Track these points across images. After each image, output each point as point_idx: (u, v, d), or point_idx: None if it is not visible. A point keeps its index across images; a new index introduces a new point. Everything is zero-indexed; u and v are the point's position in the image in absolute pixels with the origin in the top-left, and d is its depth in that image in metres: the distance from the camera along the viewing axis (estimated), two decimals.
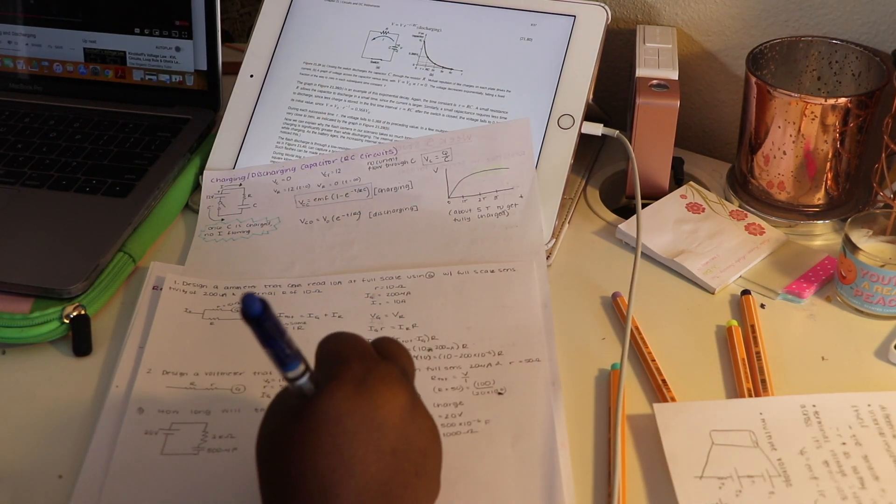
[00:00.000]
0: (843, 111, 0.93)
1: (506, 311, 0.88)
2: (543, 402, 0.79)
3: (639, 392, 0.82)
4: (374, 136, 1.02)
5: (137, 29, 1.11)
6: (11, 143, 1.07)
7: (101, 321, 0.89)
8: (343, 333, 0.67)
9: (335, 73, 1.05)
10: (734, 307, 0.90)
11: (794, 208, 0.99)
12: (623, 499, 0.72)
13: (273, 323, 0.58)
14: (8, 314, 0.86)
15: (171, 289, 0.90)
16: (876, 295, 0.87)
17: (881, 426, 0.76)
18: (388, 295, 0.90)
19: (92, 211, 0.97)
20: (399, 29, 1.06)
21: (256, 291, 0.90)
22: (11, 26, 1.14)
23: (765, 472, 0.73)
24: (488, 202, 0.97)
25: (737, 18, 1.07)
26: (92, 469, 0.75)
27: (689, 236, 0.96)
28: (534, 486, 0.73)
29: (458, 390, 0.81)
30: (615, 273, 0.93)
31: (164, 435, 0.77)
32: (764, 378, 0.81)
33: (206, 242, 0.97)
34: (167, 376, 0.82)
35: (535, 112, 1.00)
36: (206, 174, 1.02)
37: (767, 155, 0.98)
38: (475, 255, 0.94)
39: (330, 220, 0.98)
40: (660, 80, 0.99)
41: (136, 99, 1.12)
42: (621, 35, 1.13)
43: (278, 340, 0.59)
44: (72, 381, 0.84)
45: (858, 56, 1.00)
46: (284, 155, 1.03)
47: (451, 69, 1.03)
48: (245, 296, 0.56)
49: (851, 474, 0.73)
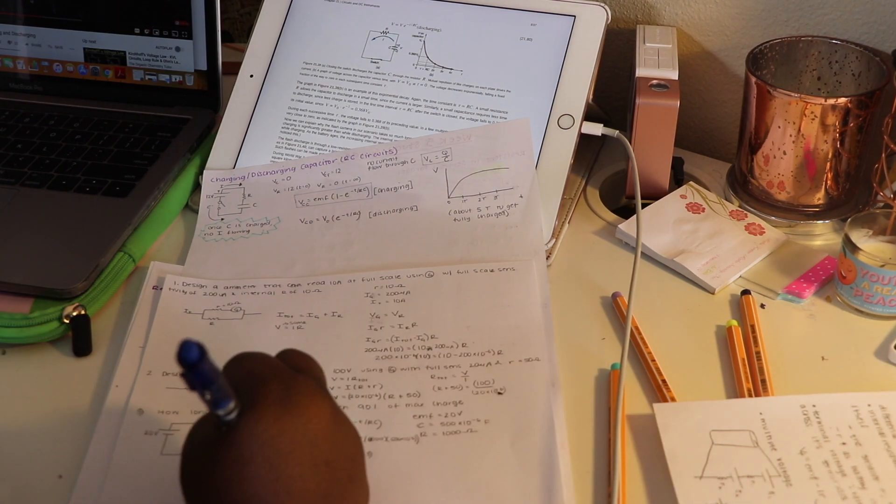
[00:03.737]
0: (843, 111, 0.93)
1: (505, 311, 0.88)
2: (543, 402, 0.79)
3: (639, 392, 0.82)
4: (374, 136, 1.02)
5: (137, 29, 1.11)
6: (11, 143, 1.07)
7: (101, 321, 0.89)
8: (251, 354, 0.66)
9: (335, 73, 1.05)
10: (734, 307, 0.90)
11: (794, 208, 0.99)
12: (623, 499, 0.72)
13: (211, 366, 0.58)
14: (8, 314, 0.86)
15: (171, 289, 0.90)
16: (876, 295, 0.87)
17: (881, 426, 0.76)
18: (388, 294, 0.90)
19: (92, 211, 0.97)
20: (399, 29, 1.06)
21: (256, 291, 0.91)
22: (11, 26, 1.14)
23: (765, 472, 0.73)
24: (488, 202, 0.97)
25: (737, 18, 1.07)
26: (92, 469, 0.75)
27: (689, 236, 0.96)
28: (533, 486, 0.73)
29: (457, 389, 0.81)
30: (615, 273, 0.93)
31: (164, 435, 0.77)
32: (764, 378, 0.81)
33: (206, 242, 0.97)
34: (167, 377, 0.82)
35: (535, 112, 1.00)
36: (206, 174, 1.02)
37: (767, 155, 0.98)
38: (475, 254, 0.94)
39: (330, 220, 0.98)
40: (660, 80, 0.99)
41: (136, 99, 1.12)
42: (621, 35, 1.13)
43: (214, 383, 0.59)
44: (72, 381, 0.84)
45: (858, 56, 1.00)
46: (284, 155, 1.03)
47: (451, 69, 1.04)
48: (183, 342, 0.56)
49: (851, 474, 0.73)
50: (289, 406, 0.61)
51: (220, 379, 0.59)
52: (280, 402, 0.61)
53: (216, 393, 0.59)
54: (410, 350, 0.84)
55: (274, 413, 0.61)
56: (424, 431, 0.77)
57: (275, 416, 0.61)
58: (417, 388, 0.81)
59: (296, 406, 0.62)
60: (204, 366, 0.57)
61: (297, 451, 0.61)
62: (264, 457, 0.60)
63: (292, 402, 0.62)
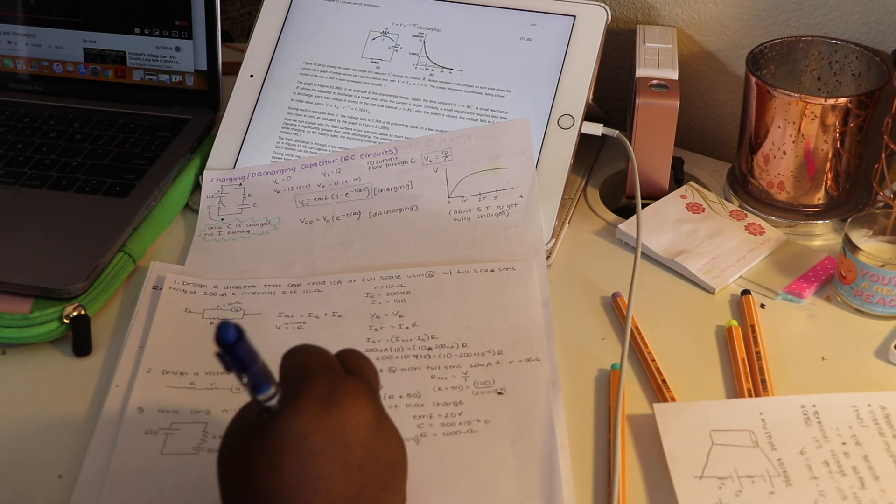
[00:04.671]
0: (843, 111, 0.93)
1: (506, 311, 0.88)
2: (543, 402, 0.79)
3: (639, 392, 0.82)
4: (374, 136, 1.02)
5: (137, 29, 1.11)
6: (11, 143, 1.07)
7: (101, 321, 0.89)
8: (308, 346, 0.66)
9: (335, 73, 1.05)
10: (734, 307, 0.90)
11: (794, 208, 0.99)
12: (623, 499, 0.72)
13: (248, 349, 0.58)
14: (8, 314, 0.86)
15: (171, 288, 0.90)
16: (876, 295, 0.87)
17: (881, 426, 0.76)
18: (388, 294, 0.90)
19: (92, 211, 0.97)
20: (399, 29, 1.06)
21: (256, 291, 0.91)
22: (11, 26, 1.14)
23: (765, 472, 0.73)
24: (488, 202, 0.97)
25: (737, 18, 1.07)
26: (92, 469, 0.75)
27: (689, 236, 0.96)
28: (533, 486, 0.73)
29: (457, 390, 0.81)
30: (615, 273, 0.93)
31: (164, 435, 0.77)
32: (764, 378, 0.81)
33: (206, 242, 0.97)
34: (167, 376, 0.82)
35: (535, 112, 1.00)
36: (206, 174, 1.02)
37: (767, 155, 0.98)
38: (475, 254, 0.94)
39: (330, 220, 0.98)
40: (660, 80, 0.99)
41: (136, 99, 1.12)
42: (621, 35, 1.13)
43: (252, 366, 0.58)
44: (72, 381, 0.84)
45: (858, 56, 1.00)
46: (284, 155, 1.03)
47: (451, 69, 1.04)
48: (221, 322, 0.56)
49: (851, 474, 0.73)
50: (330, 405, 0.61)
51: (258, 363, 0.59)
52: (322, 399, 0.61)
53: (254, 377, 0.59)
54: (411, 350, 0.84)
55: (314, 409, 0.61)
56: (425, 432, 0.77)
57: (314, 412, 0.61)
58: (417, 389, 0.81)
59: (337, 406, 0.61)
60: (241, 348, 0.57)
61: (330, 452, 0.60)
62: (296, 451, 0.60)
63: (335, 401, 0.61)
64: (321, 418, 0.61)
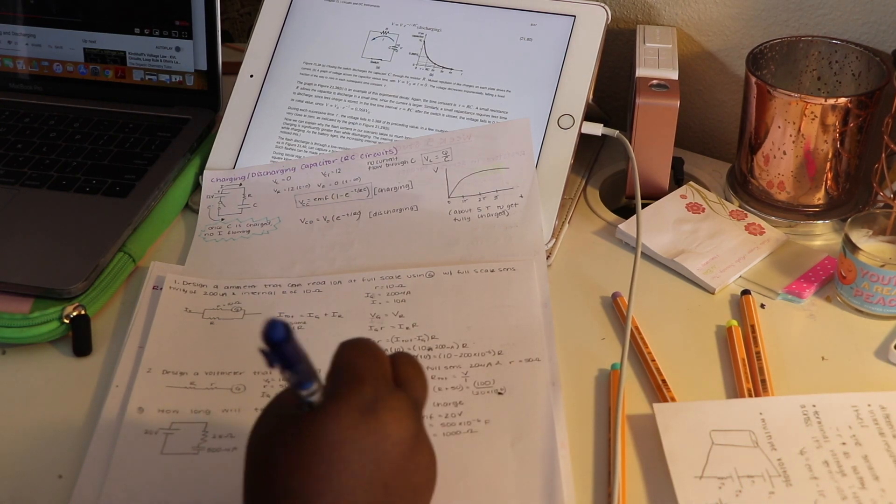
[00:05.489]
0: (843, 111, 0.93)
1: (506, 311, 0.88)
2: (543, 402, 0.79)
3: (639, 392, 0.82)
4: (374, 136, 1.02)
5: (137, 29, 1.11)
6: (11, 143, 1.07)
7: (101, 321, 0.89)
8: (364, 345, 0.64)
9: (335, 73, 1.05)
10: (734, 307, 0.90)
11: (794, 208, 0.99)
12: (623, 499, 0.72)
13: (295, 348, 0.57)
14: (8, 314, 0.86)
15: (171, 288, 0.90)
16: (876, 295, 0.87)
17: (881, 426, 0.76)
18: (388, 294, 0.90)
19: (92, 211, 0.97)
20: (399, 29, 1.06)
21: (256, 291, 0.91)
22: (11, 26, 1.14)
23: (765, 472, 0.73)
24: (488, 202, 0.97)
25: (737, 18, 1.07)
26: (92, 469, 0.75)
27: (689, 236, 0.96)
28: (533, 486, 0.73)
29: (457, 390, 0.81)
30: (615, 273, 0.93)
31: (164, 434, 0.77)
32: (764, 378, 0.81)
33: (206, 242, 0.97)
34: (167, 376, 0.82)
35: (535, 112, 1.00)
36: (206, 174, 1.02)
37: (767, 155, 0.98)
38: (475, 254, 0.94)
39: (330, 220, 0.98)
40: (660, 80, 0.99)
41: (136, 99, 1.12)
42: (621, 35, 1.13)
43: (296, 364, 0.58)
44: (72, 381, 0.84)
45: (858, 56, 1.00)
46: (284, 155, 1.03)
47: (451, 69, 1.04)
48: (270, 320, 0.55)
49: (851, 474, 0.73)
50: (369, 418, 0.60)
51: (303, 362, 0.58)
52: (363, 410, 0.60)
53: (299, 375, 0.58)
54: (411, 350, 0.84)
55: (352, 417, 0.60)
56: None
57: (352, 421, 0.60)
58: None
59: (376, 420, 0.60)
60: (288, 347, 0.56)
61: (358, 465, 0.59)
62: (325, 456, 0.59)
63: (375, 414, 0.60)
64: (357, 429, 0.60)
